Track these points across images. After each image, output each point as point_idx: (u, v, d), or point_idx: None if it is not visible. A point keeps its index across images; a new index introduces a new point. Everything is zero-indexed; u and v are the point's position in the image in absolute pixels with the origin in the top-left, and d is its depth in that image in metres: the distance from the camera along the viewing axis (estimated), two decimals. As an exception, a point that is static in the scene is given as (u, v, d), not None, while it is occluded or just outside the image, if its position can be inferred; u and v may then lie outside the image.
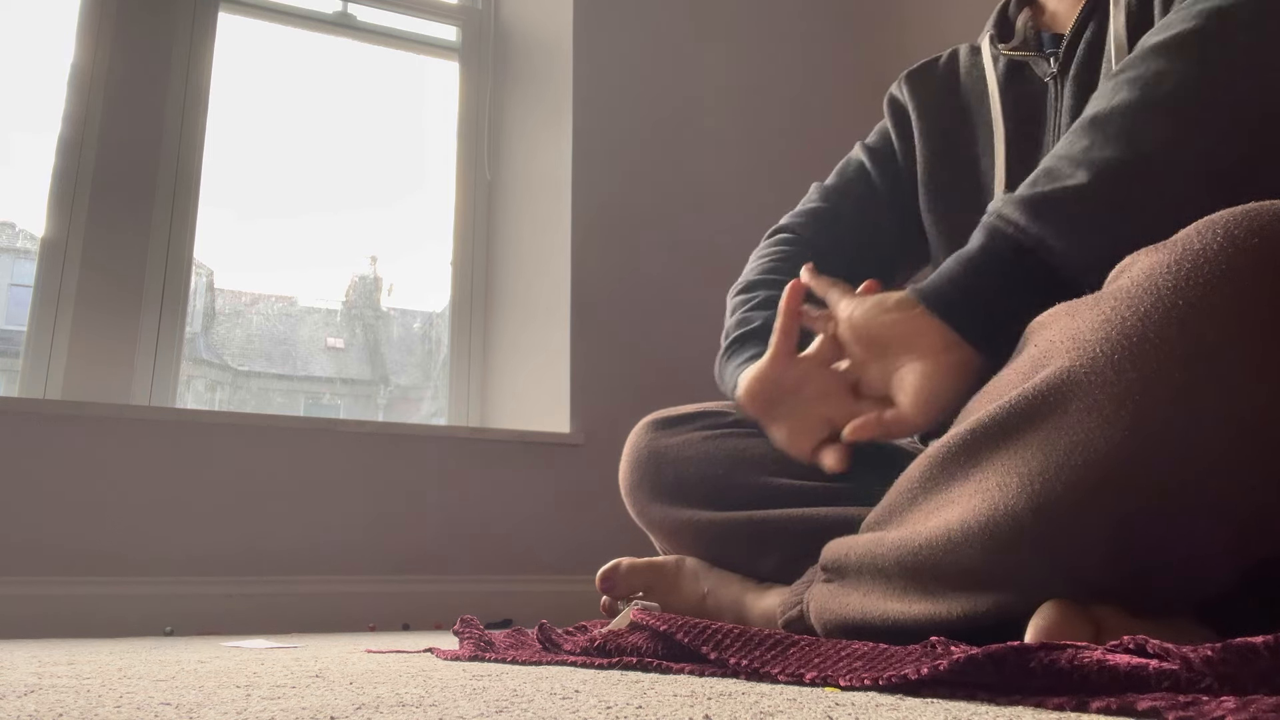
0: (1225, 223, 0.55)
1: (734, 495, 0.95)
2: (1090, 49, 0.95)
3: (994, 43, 1.05)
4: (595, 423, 2.13)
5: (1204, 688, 0.44)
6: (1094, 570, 0.58)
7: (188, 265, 2.08)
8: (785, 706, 0.51)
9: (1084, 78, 0.95)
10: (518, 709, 0.52)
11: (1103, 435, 0.55)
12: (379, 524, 1.94)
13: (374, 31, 2.43)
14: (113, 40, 2.05)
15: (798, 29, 2.62)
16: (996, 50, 1.04)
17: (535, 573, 2.05)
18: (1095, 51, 0.95)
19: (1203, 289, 0.54)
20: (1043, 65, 1.00)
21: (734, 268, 1.20)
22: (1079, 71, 0.96)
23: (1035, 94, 1.00)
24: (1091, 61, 0.95)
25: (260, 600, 1.79)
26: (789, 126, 2.54)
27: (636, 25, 2.41)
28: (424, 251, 2.54)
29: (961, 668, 0.51)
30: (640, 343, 2.23)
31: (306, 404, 2.48)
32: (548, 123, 2.35)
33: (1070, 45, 0.97)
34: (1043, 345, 0.62)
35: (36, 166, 2.01)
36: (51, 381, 1.91)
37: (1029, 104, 1.00)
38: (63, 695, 0.61)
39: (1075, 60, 0.96)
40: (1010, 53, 1.02)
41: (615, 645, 0.79)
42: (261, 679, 0.72)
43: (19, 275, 2.18)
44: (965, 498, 0.63)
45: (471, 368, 2.35)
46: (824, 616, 0.76)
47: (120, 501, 1.76)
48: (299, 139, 2.44)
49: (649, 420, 1.05)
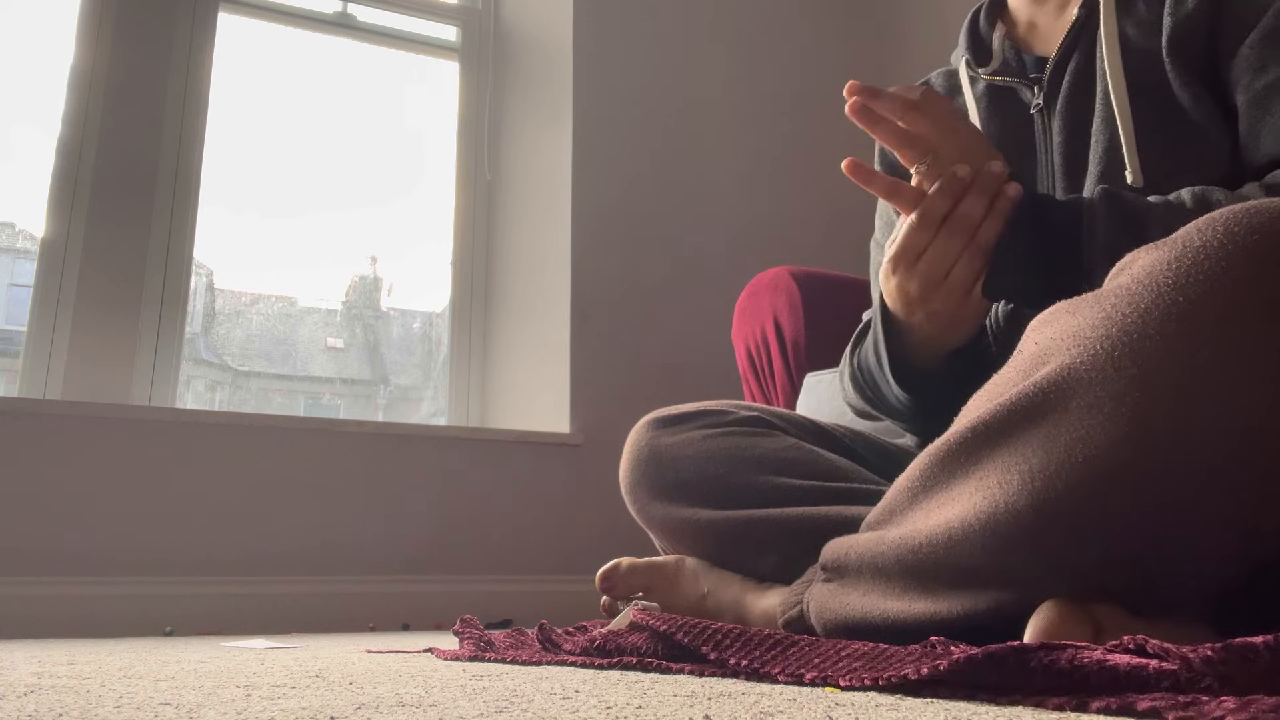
0: (1225, 220, 0.55)
1: (734, 494, 0.95)
2: (1079, 79, 0.92)
3: (970, 66, 1.01)
4: (595, 422, 2.13)
5: (1204, 688, 0.43)
6: (1094, 569, 0.58)
7: (187, 265, 2.08)
8: (785, 706, 0.51)
9: (1074, 112, 0.92)
10: (518, 709, 0.52)
11: (1103, 432, 0.55)
12: (379, 524, 1.94)
13: (374, 31, 2.43)
14: (112, 41, 2.05)
15: (798, 28, 2.62)
16: (974, 73, 1.00)
17: (535, 573, 2.05)
18: (1085, 82, 0.92)
19: (1203, 286, 0.54)
20: (1026, 94, 0.96)
21: (733, 267, 1.22)
22: (1067, 105, 0.92)
23: (1021, 124, 0.96)
24: (1081, 96, 0.92)
25: (260, 600, 1.79)
26: (789, 126, 2.54)
27: (636, 25, 2.41)
28: (424, 251, 2.54)
29: (961, 668, 0.51)
30: (640, 343, 2.23)
31: (306, 404, 2.48)
32: (548, 123, 2.35)
33: (1055, 71, 0.94)
34: (1043, 343, 0.62)
35: (37, 166, 2.01)
36: (51, 381, 1.90)
37: (1015, 135, 0.96)
38: (63, 695, 0.61)
39: (1062, 92, 0.93)
40: (990, 78, 0.99)
41: (615, 645, 0.79)
42: (261, 679, 0.72)
43: (19, 275, 2.18)
44: (966, 496, 0.63)
45: (471, 368, 2.35)
46: (824, 616, 0.76)
47: (120, 501, 1.76)
48: (299, 139, 2.44)
49: (649, 419, 1.05)
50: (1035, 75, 0.97)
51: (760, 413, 1.02)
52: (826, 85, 2.62)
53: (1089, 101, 0.92)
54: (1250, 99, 0.85)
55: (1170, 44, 0.88)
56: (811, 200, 2.45)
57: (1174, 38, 0.88)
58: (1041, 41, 1.00)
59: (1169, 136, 0.87)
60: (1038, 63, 0.98)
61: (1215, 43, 0.88)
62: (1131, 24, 0.92)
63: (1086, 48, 0.93)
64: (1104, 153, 0.89)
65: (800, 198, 2.47)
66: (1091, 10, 0.94)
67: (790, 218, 2.45)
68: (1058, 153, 0.93)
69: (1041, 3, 1.00)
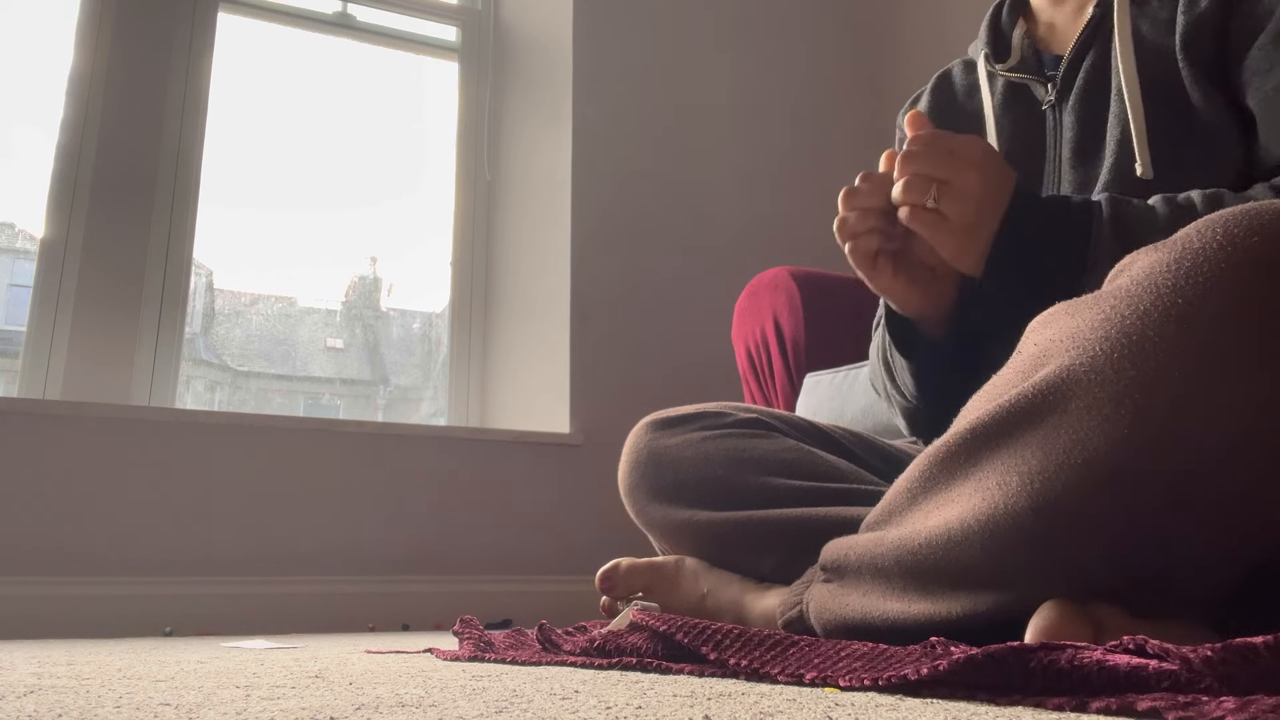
0: (1225, 221, 0.55)
1: (733, 496, 0.95)
2: (1092, 77, 0.94)
3: (989, 61, 1.02)
4: (595, 423, 2.13)
5: (1204, 688, 0.43)
6: (1094, 569, 0.58)
7: (187, 265, 2.08)
8: (785, 707, 0.51)
9: (1086, 108, 0.93)
10: (517, 709, 0.52)
11: (1102, 434, 0.55)
12: (379, 524, 1.94)
13: (374, 32, 2.43)
14: (112, 41, 2.05)
15: (799, 31, 2.62)
16: (993, 68, 1.02)
17: (535, 573, 2.05)
18: (1099, 79, 0.93)
19: (1202, 287, 0.54)
20: (1040, 90, 0.98)
21: (733, 267, 1.22)
22: (1080, 101, 0.94)
23: (1034, 120, 0.98)
24: (1094, 91, 0.93)
25: (260, 600, 1.79)
26: (788, 127, 2.54)
27: (636, 26, 2.41)
28: (423, 251, 2.54)
29: (961, 668, 0.51)
30: (640, 343, 2.24)
31: (306, 404, 2.48)
32: (547, 123, 2.35)
33: (1070, 68, 0.95)
34: (1042, 344, 0.62)
35: (37, 167, 2.01)
36: (51, 381, 1.90)
37: (1027, 131, 0.98)
38: (63, 695, 0.61)
39: (1075, 88, 0.94)
40: (1008, 74, 1.00)
41: (615, 645, 0.79)
42: (261, 679, 0.72)
43: (19, 275, 2.18)
44: (965, 497, 0.63)
45: (471, 368, 2.35)
46: (824, 616, 0.76)
47: (120, 501, 1.76)
48: (299, 139, 2.44)
49: (648, 421, 1.05)
50: (1051, 73, 0.98)
51: (759, 414, 1.03)
52: (827, 85, 2.62)
53: (1103, 98, 0.93)
54: (1260, 100, 0.85)
55: (1183, 43, 0.89)
56: (811, 200, 2.45)
57: (1186, 36, 0.89)
58: (1059, 41, 1.01)
59: (1181, 132, 0.88)
60: (1055, 61, 0.99)
61: (1226, 43, 0.88)
62: (1146, 22, 0.92)
63: (1102, 46, 0.94)
64: (1116, 146, 0.90)
65: (800, 198, 2.47)
66: (1107, 10, 0.94)
67: (790, 218, 2.45)
68: (1068, 148, 0.94)
69: (1060, 4, 1.01)
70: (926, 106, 1.10)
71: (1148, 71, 0.90)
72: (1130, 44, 0.91)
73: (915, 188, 0.80)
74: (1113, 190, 0.89)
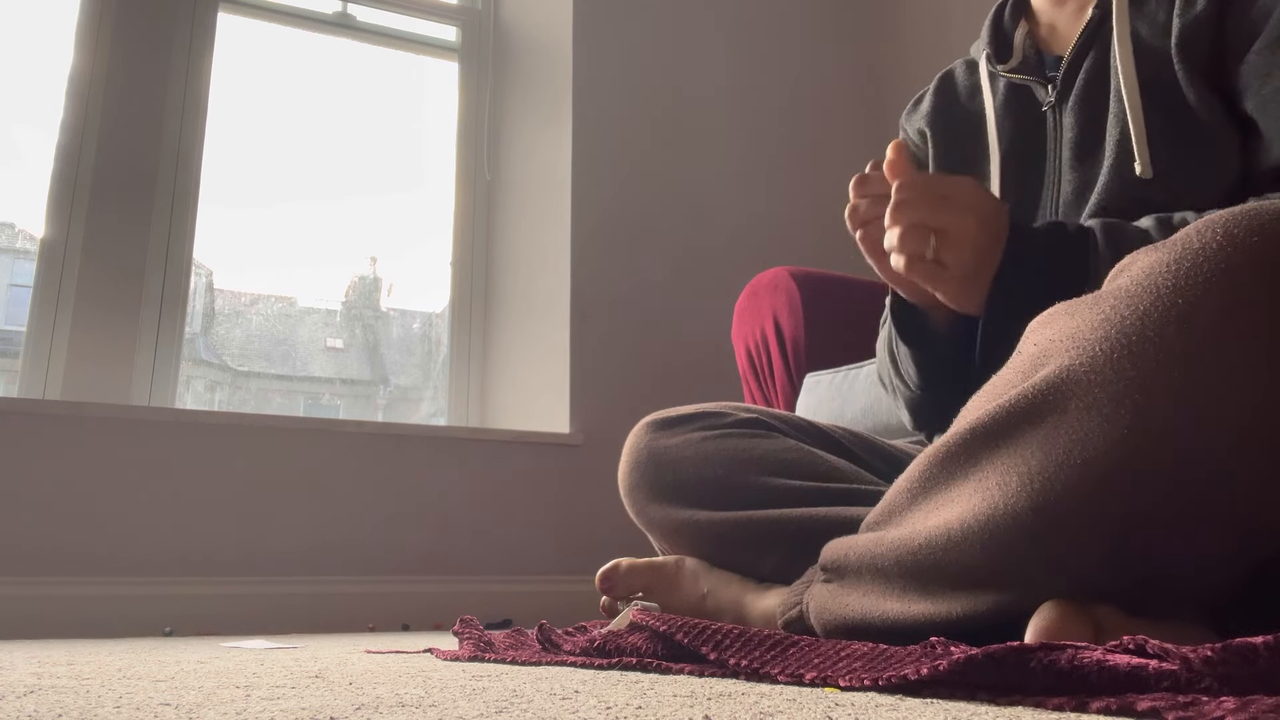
0: (1225, 222, 0.55)
1: (733, 496, 0.95)
2: (1092, 78, 0.94)
3: (991, 61, 1.03)
4: (595, 423, 2.13)
5: (1204, 688, 0.43)
6: (1094, 569, 0.58)
7: (187, 265, 2.08)
8: (785, 707, 0.51)
9: (1086, 109, 0.93)
10: (517, 709, 0.52)
11: (1102, 434, 0.55)
12: (379, 524, 1.94)
13: (374, 32, 2.43)
14: (112, 42, 2.05)
15: (797, 30, 2.62)
16: (994, 69, 1.02)
17: (535, 573, 2.05)
18: (1098, 80, 0.94)
19: (1202, 287, 0.54)
20: (1040, 92, 0.98)
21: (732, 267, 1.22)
22: (1080, 102, 0.94)
23: (1035, 121, 0.98)
24: (1094, 92, 0.94)
25: (260, 600, 1.79)
26: (788, 127, 2.54)
27: (636, 26, 2.41)
28: (423, 251, 2.54)
29: (961, 668, 0.51)
30: (640, 343, 2.24)
31: (306, 404, 2.48)
32: (548, 123, 2.35)
33: (1070, 70, 0.96)
34: (1042, 344, 0.62)
35: (37, 167, 2.01)
36: (51, 382, 1.90)
37: (1027, 132, 0.98)
38: (63, 695, 0.61)
39: (1075, 89, 0.95)
40: (1009, 75, 1.00)
41: (615, 645, 0.79)
42: (261, 679, 0.72)
43: (19, 275, 2.18)
44: (965, 497, 0.63)
45: (471, 368, 2.35)
46: (824, 617, 0.76)
47: (120, 501, 1.76)
48: (299, 139, 2.44)
49: (648, 421, 1.05)
50: (1052, 75, 0.98)
51: (759, 414, 1.03)
52: (826, 85, 2.62)
53: (1103, 99, 0.93)
54: (1258, 104, 0.85)
55: (1178, 45, 0.89)
56: (811, 200, 2.46)
57: (1181, 39, 0.89)
58: (1060, 42, 1.01)
59: (1179, 133, 0.88)
60: (1056, 62, 0.99)
61: (1222, 47, 0.88)
62: (1144, 24, 0.93)
63: (1101, 47, 0.95)
64: (1116, 146, 0.90)
65: (800, 198, 2.47)
66: (1106, 11, 0.95)
67: (790, 218, 2.45)
68: (1068, 149, 0.94)
69: (1061, 5, 1.02)
70: (930, 107, 1.11)
71: (1146, 73, 0.90)
72: (1129, 45, 0.91)
73: (913, 239, 0.79)
74: (1112, 190, 0.89)
